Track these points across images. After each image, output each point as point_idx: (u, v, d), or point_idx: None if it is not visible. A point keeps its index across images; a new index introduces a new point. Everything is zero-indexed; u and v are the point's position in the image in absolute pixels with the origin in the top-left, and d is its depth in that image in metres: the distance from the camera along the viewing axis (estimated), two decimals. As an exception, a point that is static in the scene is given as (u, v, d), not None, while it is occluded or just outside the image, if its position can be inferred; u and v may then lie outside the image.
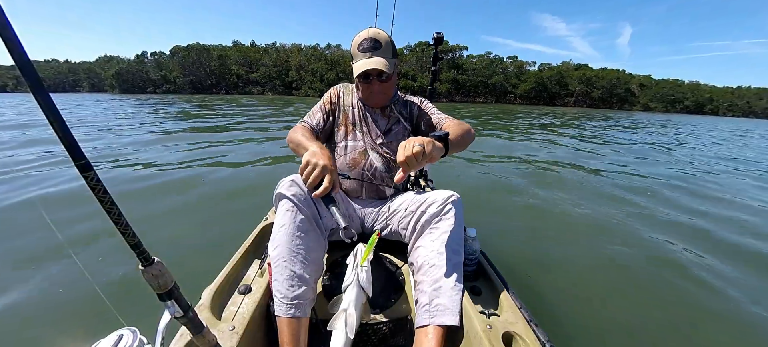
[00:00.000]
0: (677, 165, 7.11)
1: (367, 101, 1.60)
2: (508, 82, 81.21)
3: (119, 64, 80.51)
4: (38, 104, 0.50)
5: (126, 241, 0.69)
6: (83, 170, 0.58)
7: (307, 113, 1.60)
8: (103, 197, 0.62)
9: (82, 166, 0.58)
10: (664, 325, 1.97)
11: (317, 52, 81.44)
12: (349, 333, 1.09)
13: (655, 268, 2.58)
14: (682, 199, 4.46)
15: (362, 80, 1.48)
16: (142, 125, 10.70)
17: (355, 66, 1.44)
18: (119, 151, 6.32)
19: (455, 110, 26.44)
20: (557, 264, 2.56)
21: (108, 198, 0.63)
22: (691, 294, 2.28)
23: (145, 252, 0.72)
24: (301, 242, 1.16)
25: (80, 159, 0.57)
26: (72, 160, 0.57)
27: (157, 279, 0.75)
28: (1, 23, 0.44)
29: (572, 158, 7.34)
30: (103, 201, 0.63)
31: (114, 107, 19.28)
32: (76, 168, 0.58)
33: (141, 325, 0.83)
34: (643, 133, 15.19)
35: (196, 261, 2.35)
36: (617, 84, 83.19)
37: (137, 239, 0.70)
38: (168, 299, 0.78)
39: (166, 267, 0.77)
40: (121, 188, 3.91)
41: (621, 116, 33.59)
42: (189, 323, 0.85)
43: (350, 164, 1.55)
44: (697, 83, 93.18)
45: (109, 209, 0.64)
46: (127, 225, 0.67)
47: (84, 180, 0.59)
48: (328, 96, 1.64)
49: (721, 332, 1.95)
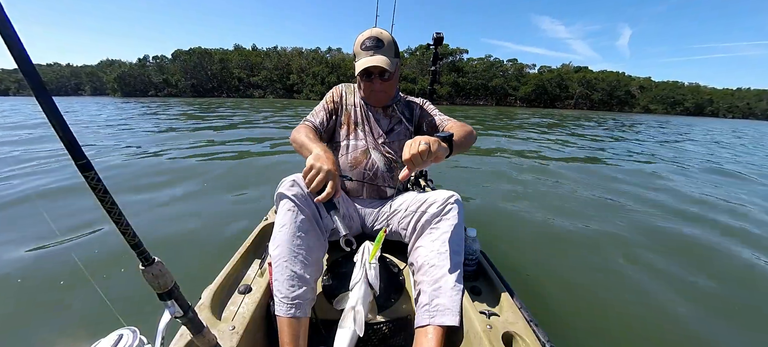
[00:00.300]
0: (676, 162, 7.11)
1: (368, 100, 1.60)
2: (509, 84, 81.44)
3: (121, 67, 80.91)
4: (39, 104, 0.50)
5: (126, 241, 0.69)
6: (83, 169, 0.58)
7: (311, 112, 1.60)
8: (104, 197, 0.62)
9: (83, 166, 0.57)
10: (665, 325, 1.97)
11: (318, 56, 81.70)
12: (358, 330, 1.09)
13: (655, 268, 2.57)
14: (683, 199, 4.45)
15: (364, 78, 1.49)
16: (146, 125, 10.71)
17: (358, 64, 1.45)
18: (119, 150, 6.32)
19: (455, 112, 26.40)
20: (557, 264, 2.56)
21: (108, 198, 0.63)
22: (691, 294, 2.27)
23: (146, 252, 0.72)
24: (301, 243, 1.16)
25: (80, 158, 0.57)
26: (72, 159, 0.57)
27: (157, 279, 0.75)
28: (1, 22, 0.44)
29: (573, 158, 7.34)
30: (103, 201, 0.62)
31: (123, 110, 19.33)
32: (77, 167, 0.58)
33: (141, 325, 0.83)
34: (645, 134, 15.17)
35: (196, 261, 2.35)
36: (617, 86, 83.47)
37: (137, 239, 0.69)
38: (168, 299, 0.78)
39: (166, 267, 0.77)
40: (121, 188, 3.92)
41: (620, 118, 33.53)
42: (189, 323, 0.85)
43: (352, 164, 1.55)
44: (697, 85, 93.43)
45: (110, 208, 0.64)
46: (127, 225, 0.67)
47: (84, 180, 0.59)
48: (330, 95, 1.64)
49: (721, 332, 1.94)
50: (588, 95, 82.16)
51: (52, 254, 2.41)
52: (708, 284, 2.40)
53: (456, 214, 1.29)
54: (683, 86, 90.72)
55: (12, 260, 2.33)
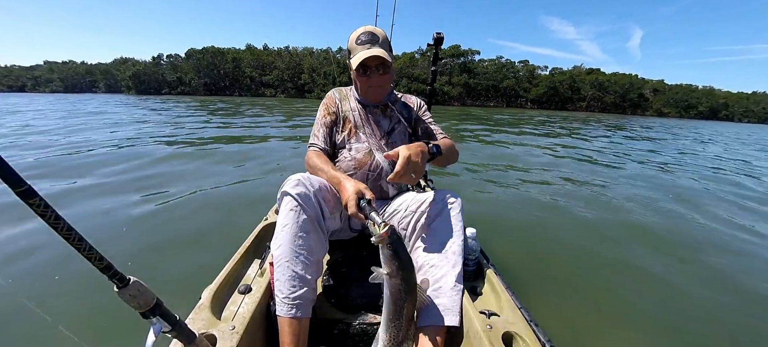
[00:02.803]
0: (678, 165, 7.00)
1: (365, 96, 1.59)
2: (520, 86, 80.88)
3: (135, 66, 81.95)
4: None
5: (94, 265, 0.63)
6: (26, 197, 0.51)
7: (312, 133, 1.60)
8: (57, 224, 0.55)
9: (24, 193, 0.51)
10: (665, 325, 1.95)
11: (329, 55, 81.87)
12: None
13: (656, 268, 2.55)
14: (684, 198, 4.42)
15: (361, 74, 1.48)
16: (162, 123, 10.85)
17: (354, 58, 1.43)
18: (119, 150, 6.41)
19: (466, 114, 26.39)
20: (557, 264, 2.55)
21: (62, 224, 0.56)
22: (691, 294, 2.25)
23: (118, 273, 0.67)
24: (303, 243, 1.16)
25: (19, 185, 0.50)
26: (10, 187, 0.50)
27: (136, 299, 0.70)
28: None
29: (573, 159, 7.28)
30: (57, 228, 0.56)
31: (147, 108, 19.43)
32: (18, 196, 0.51)
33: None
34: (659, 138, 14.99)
35: (196, 261, 2.36)
36: (630, 89, 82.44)
37: (106, 260, 0.64)
38: (152, 316, 0.74)
39: (144, 285, 0.72)
40: (122, 187, 3.99)
41: (635, 121, 33.17)
42: (179, 335, 0.82)
43: (356, 165, 1.53)
44: (712, 88, 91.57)
45: (67, 234, 0.57)
46: (91, 248, 0.61)
47: (30, 208, 0.52)
48: (325, 107, 1.63)
49: (722, 332, 1.92)
50: (600, 97, 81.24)
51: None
52: (708, 283, 2.39)
53: (456, 213, 1.29)
54: (697, 89, 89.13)
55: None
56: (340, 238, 1.56)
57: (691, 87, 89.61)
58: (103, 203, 3.42)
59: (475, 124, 16.22)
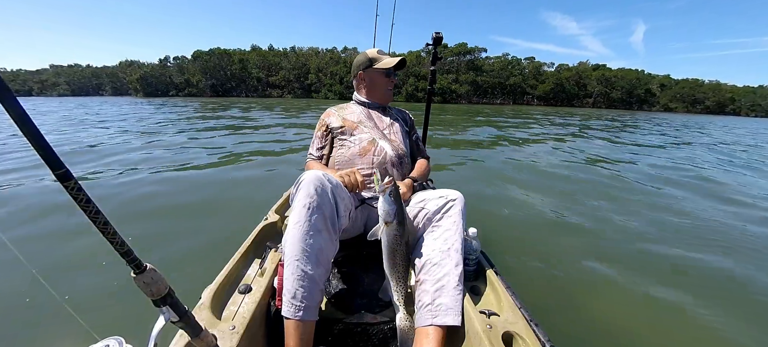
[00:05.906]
0: (677, 160, 6.94)
1: (382, 97, 1.83)
2: (526, 83, 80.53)
3: (141, 68, 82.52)
4: (8, 112, 0.47)
5: (115, 249, 0.66)
6: (63, 179, 0.55)
7: (311, 145, 1.80)
8: (87, 207, 0.59)
9: (62, 175, 0.55)
10: (665, 325, 1.94)
11: (335, 55, 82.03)
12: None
13: (656, 268, 2.54)
14: (685, 199, 4.37)
15: (385, 75, 1.77)
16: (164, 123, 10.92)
17: (384, 62, 1.73)
18: (120, 149, 6.47)
19: (474, 111, 26.25)
20: (557, 264, 2.52)
21: (92, 207, 0.60)
22: (691, 294, 2.22)
23: (137, 259, 0.69)
24: (314, 242, 1.14)
25: (59, 168, 0.54)
26: (50, 169, 0.54)
27: (149, 287, 0.72)
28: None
29: (574, 159, 7.20)
30: (87, 210, 0.59)
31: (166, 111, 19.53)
32: (56, 178, 0.55)
33: (141, 330, 0.81)
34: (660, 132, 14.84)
35: (196, 261, 2.37)
36: (637, 85, 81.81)
37: (127, 246, 0.66)
38: (163, 304, 0.76)
39: (159, 273, 0.74)
40: (122, 186, 4.02)
41: (642, 116, 32.89)
42: (186, 326, 0.83)
43: (361, 153, 1.60)
44: (718, 83, 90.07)
45: (95, 217, 0.61)
46: (114, 233, 0.64)
47: (65, 190, 0.56)
48: (321, 122, 1.80)
49: (722, 333, 1.90)
50: (607, 93, 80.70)
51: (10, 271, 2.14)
52: (707, 283, 2.38)
53: (458, 212, 1.29)
54: (704, 84, 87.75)
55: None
56: (341, 238, 1.55)
57: (698, 82, 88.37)
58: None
59: (481, 126, 16.03)
